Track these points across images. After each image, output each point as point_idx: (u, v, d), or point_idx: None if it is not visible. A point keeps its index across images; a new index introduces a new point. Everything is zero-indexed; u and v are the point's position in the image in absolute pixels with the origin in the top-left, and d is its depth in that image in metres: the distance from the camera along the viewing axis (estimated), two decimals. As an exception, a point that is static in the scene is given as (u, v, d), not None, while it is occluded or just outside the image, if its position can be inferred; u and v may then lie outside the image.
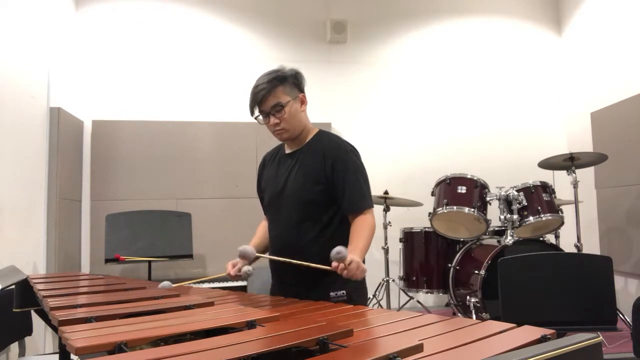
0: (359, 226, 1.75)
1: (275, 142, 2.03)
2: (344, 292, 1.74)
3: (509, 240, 3.35)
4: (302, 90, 1.86)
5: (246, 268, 1.82)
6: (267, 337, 0.92)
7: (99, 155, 4.17)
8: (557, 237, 3.95)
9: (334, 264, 1.52)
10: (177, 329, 0.98)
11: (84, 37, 4.27)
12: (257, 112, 1.81)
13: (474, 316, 3.26)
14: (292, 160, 1.87)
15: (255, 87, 1.78)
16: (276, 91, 1.76)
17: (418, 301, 4.07)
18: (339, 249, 1.51)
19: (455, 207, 3.58)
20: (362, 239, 1.70)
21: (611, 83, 4.24)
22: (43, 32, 3.54)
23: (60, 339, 1.53)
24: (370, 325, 1.15)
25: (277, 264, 1.89)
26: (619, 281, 4.01)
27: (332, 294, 1.74)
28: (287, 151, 1.93)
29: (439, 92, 4.76)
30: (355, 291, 1.78)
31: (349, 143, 1.87)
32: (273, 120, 1.79)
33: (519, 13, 4.95)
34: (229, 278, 1.88)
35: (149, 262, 3.65)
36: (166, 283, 1.68)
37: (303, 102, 1.85)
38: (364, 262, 1.62)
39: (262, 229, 2.06)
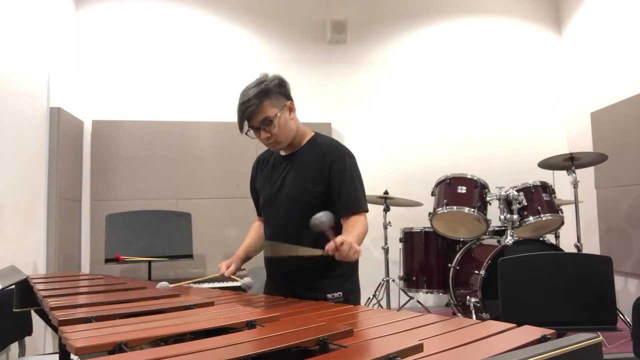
0: (353, 223, 1.72)
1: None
2: (340, 293, 1.77)
3: (509, 240, 3.35)
4: (289, 97, 1.82)
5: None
6: (267, 337, 0.92)
7: (99, 155, 4.17)
8: (557, 237, 3.95)
9: (326, 247, 1.50)
10: (177, 329, 0.98)
11: (84, 37, 4.27)
12: (246, 128, 1.78)
13: (474, 316, 3.26)
14: (288, 163, 1.86)
15: (242, 104, 1.74)
16: (263, 106, 1.73)
17: (418, 301, 4.07)
18: (319, 214, 1.48)
19: (455, 207, 3.58)
20: (355, 229, 1.68)
21: (611, 83, 4.24)
22: (43, 32, 3.53)
23: (60, 339, 1.53)
24: (370, 325, 1.15)
25: (272, 265, 1.91)
26: (619, 281, 4.01)
27: (329, 295, 1.75)
28: (283, 154, 1.91)
29: (439, 92, 4.75)
30: (350, 293, 1.80)
31: (345, 147, 1.87)
32: (264, 134, 1.77)
33: (519, 13, 4.95)
34: (223, 279, 1.90)
35: (149, 262, 3.65)
36: (164, 284, 1.67)
37: (291, 109, 1.82)
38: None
39: (254, 230, 2.07)
